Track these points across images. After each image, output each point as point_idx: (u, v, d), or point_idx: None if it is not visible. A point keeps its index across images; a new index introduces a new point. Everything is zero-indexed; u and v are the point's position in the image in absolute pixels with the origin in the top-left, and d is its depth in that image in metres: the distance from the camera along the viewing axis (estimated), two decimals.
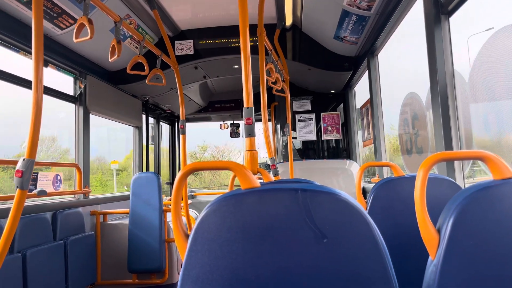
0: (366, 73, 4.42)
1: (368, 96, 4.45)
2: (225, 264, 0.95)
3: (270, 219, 0.95)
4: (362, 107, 5.18)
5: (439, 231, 1.11)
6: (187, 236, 1.08)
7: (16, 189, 1.89)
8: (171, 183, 7.71)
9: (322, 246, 0.93)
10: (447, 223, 1.08)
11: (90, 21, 2.32)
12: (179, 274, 1.00)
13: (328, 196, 0.95)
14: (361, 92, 5.45)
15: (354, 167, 5.22)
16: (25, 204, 3.18)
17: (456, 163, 2.41)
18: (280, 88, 3.79)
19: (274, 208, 0.95)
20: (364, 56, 4.39)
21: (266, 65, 3.19)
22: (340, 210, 0.94)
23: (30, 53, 3.46)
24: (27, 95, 4.04)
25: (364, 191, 4.66)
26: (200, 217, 0.98)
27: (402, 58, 4.13)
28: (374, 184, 1.97)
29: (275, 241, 0.94)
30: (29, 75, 3.53)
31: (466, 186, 2.45)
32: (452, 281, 1.06)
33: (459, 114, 2.42)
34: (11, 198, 3.12)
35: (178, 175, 1.11)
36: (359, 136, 5.61)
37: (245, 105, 2.02)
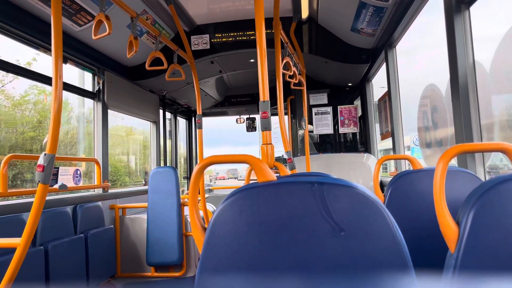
0: (384, 66, 4.36)
1: (386, 89, 4.39)
2: (242, 256, 0.96)
3: (287, 212, 0.95)
4: (379, 99, 5.11)
5: (458, 224, 1.09)
6: (204, 229, 1.09)
7: (37, 183, 1.93)
8: (188, 178, 7.78)
9: (340, 240, 0.92)
10: (467, 216, 1.06)
11: (107, 17, 2.35)
12: (196, 267, 1.01)
13: (345, 189, 0.94)
14: (378, 85, 5.38)
15: (371, 161, 5.17)
16: (47, 198, 3.25)
17: (476, 155, 2.36)
18: (297, 82, 3.77)
19: (291, 201, 0.95)
20: (382, 48, 4.33)
21: (283, 59, 3.17)
22: (358, 203, 0.93)
23: (50, 50, 3.52)
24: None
25: (382, 185, 4.62)
26: (217, 210, 0.98)
27: (421, 49, 4.05)
28: (392, 178, 1.94)
29: (291, 234, 0.94)
30: (49, 71, 3.59)
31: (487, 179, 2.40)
32: (472, 275, 1.04)
33: (480, 106, 2.36)
34: (33, 192, 3.19)
35: (196, 168, 1.11)
36: (377, 129, 5.55)
37: (261, 98, 2.02)
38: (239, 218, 0.97)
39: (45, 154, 1.92)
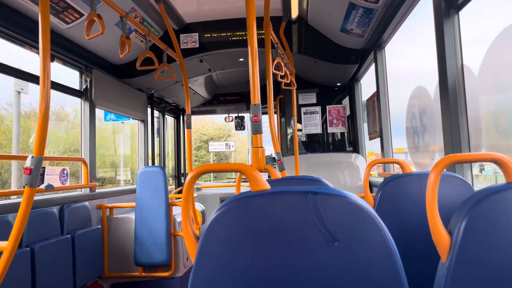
0: (373, 66, 4.39)
1: (375, 89, 4.42)
2: (235, 266, 0.95)
3: (280, 222, 0.95)
4: (368, 100, 5.14)
5: (450, 233, 1.10)
6: (197, 238, 1.08)
7: (24, 186, 1.90)
8: (176, 176, 7.73)
9: (333, 250, 0.92)
10: (459, 227, 1.07)
11: (99, 16, 2.32)
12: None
13: (339, 198, 0.94)
14: (367, 85, 5.41)
15: (359, 161, 5.20)
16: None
17: None
18: (288, 82, 3.77)
19: (284, 211, 0.95)
20: (371, 49, 4.35)
21: (274, 59, 3.16)
22: (351, 213, 0.93)
23: (37, 48, 3.45)
24: None
25: (370, 186, 4.65)
26: (210, 220, 0.98)
27: (410, 51, 4.09)
28: (382, 180, 1.95)
29: (285, 244, 0.94)
30: (35, 70, 3.53)
31: (474, 182, 2.43)
32: (464, 286, 1.05)
33: (468, 110, 2.39)
34: (19, 193, 3.14)
35: (188, 177, 1.10)
36: (365, 129, 5.59)
37: (252, 101, 1.98)
38: (232, 228, 0.96)
39: (32, 157, 1.88)
